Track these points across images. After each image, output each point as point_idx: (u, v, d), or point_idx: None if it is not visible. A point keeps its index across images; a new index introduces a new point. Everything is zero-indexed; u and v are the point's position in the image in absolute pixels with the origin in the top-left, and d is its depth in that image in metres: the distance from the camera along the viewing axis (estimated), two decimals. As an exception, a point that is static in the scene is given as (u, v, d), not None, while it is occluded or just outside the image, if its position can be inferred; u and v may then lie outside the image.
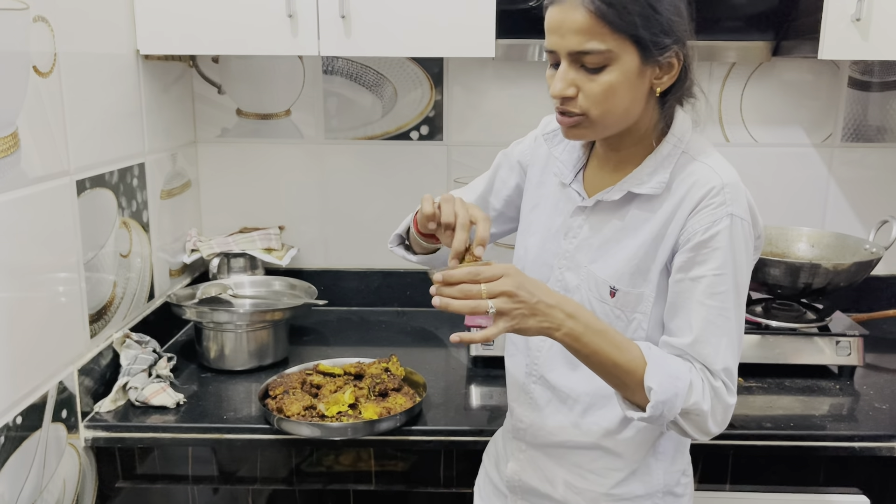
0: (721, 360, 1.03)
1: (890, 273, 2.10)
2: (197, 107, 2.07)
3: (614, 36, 0.98)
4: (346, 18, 1.64)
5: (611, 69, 1.00)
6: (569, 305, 1.00)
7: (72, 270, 1.44)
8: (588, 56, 0.99)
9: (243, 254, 2.00)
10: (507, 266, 0.98)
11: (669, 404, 0.99)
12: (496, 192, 1.31)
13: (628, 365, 1.00)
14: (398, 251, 1.31)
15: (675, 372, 1.00)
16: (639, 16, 0.98)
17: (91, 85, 1.51)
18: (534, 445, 1.21)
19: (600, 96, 1.01)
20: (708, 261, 1.02)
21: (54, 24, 1.36)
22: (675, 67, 1.04)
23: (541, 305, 0.97)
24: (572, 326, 0.99)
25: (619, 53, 0.99)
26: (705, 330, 1.03)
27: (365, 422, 1.40)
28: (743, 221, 1.03)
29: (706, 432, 1.03)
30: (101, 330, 1.55)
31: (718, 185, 1.03)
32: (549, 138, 1.22)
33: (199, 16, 1.65)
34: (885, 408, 1.56)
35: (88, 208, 1.49)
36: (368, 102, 2.07)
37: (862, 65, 2.02)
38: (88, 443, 1.47)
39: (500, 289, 0.95)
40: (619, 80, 1.00)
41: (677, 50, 1.02)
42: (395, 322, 2.07)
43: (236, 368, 1.71)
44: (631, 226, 1.09)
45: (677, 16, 1.01)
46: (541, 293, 0.98)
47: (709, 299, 1.02)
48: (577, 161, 1.18)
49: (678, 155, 1.07)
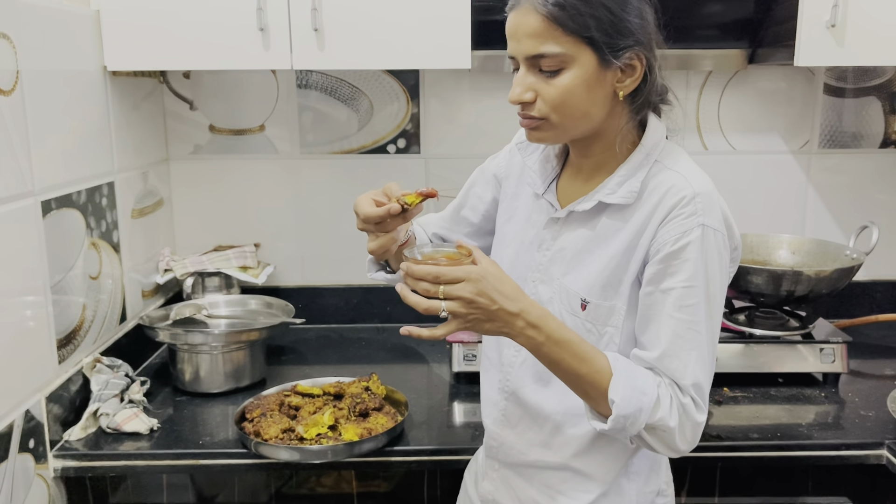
0: (690, 376, 1.00)
1: (871, 279, 2.11)
2: (168, 123, 2.03)
3: (568, 38, 0.97)
4: (319, 31, 1.61)
5: (567, 72, 0.99)
6: (533, 314, 0.97)
7: (38, 294, 1.39)
8: (544, 59, 0.99)
9: (218, 273, 1.96)
10: (471, 269, 0.95)
11: (632, 418, 0.97)
12: (471, 207, 1.29)
13: (591, 376, 0.98)
14: (378, 277, 1.28)
15: (641, 386, 0.98)
16: (592, 17, 0.97)
17: (56, 103, 1.47)
18: (506, 464, 1.20)
19: (557, 99, 1.00)
20: (678, 272, 1.00)
21: (16, 40, 1.32)
22: (637, 70, 1.02)
23: (501, 313, 0.96)
24: (532, 335, 0.98)
25: (575, 56, 0.98)
26: (674, 343, 1.00)
27: (345, 444, 1.37)
28: (716, 232, 1.01)
29: (674, 449, 1.01)
30: (70, 355, 1.50)
31: (689, 194, 1.00)
32: (523, 147, 1.21)
33: (169, 30, 1.62)
34: (870, 415, 1.55)
35: (55, 229, 1.44)
36: (344, 116, 2.04)
37: (837, 71, 2.03)
38: (58, 473, 1.41)
39: (457, 293, 0.94)
40: (576, 82, 0.99)
41: (638, 52, 1.01)
42: (375, 339, 2.04)
43: (212, 391, 1.67)
44: (602, 237, 1.07)
45: (638, 17, 1.00)
46: (504, 300, 0.96)
47: (678, 312, 1.00)
48: (551, 171, 1.16)
49: (651, 164, 1.05)
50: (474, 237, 1.30)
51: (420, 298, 0.95)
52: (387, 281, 1.28)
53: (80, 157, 1.56)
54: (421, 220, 1.36)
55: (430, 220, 1.36)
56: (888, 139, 2.07)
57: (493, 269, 0.97)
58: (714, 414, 1.56)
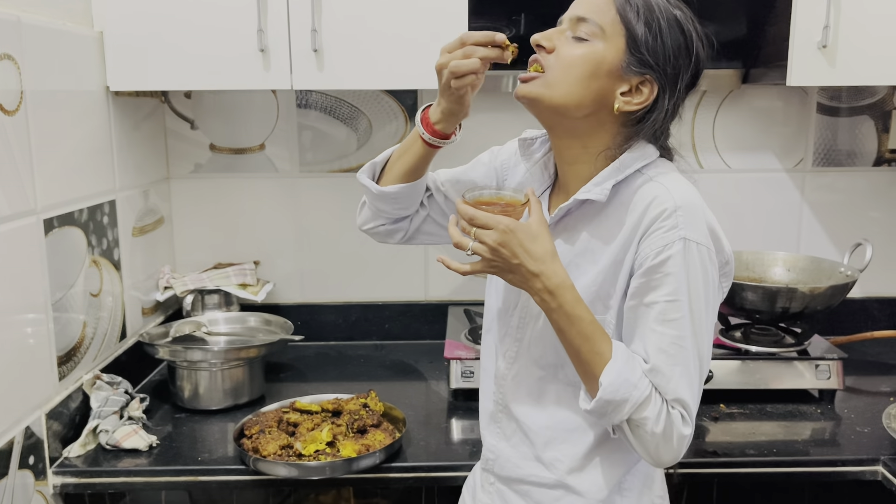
0: (673, 391, 1.00)
1: (865, 296, 2.12)
2: (169, 142, 2.05)
3: (615, 23, 1.02)
4: (319, 52, 1.64)
5: (591, 45, 1.02)
6: (553, 281, 1.00)
7: (39, 311, 1.40)
8: (583, 24, 1.03)
9: (218, 290, 1.97)
10: (501, 220, 0.99)
11: (615, 406, 0.98)
12: (475, 170, 1.32)
13: (589, 356, 1.00)
14: (363, 179, 1.25)
15: (634, 380, 0.99)
16: (645, 23, 1.01)
17: (59, 122, 1.49)
18: (501, 479, 1.20)
19: (566, 59, 1.03)
20: (660, 286, 1.00)
21: (21, 61, 1.34)
22: (644, 96, 1.03)
23: (521, 269, 1.00)
24: (546, 299, 1.01)
25: (608, 39, 1.02)
26: (657, 358, 1.00)
27: (343, 460, 1.37)
28: (699, 246, 1.00)
29: (656, 457, 1.01)
30: (70, 372, 1.51)
31: (671, 207, 1.00)
32: (524, 145, 1.21)
33: (171, 51, 1.64)
34: (866, 431, 1.56)
35: (56, 247, 1.45)
36: (343, 135, 2.06)
37: (830, 91, 2.06)
38: (57, 489, 1.42)
39: (483, 238, 0.99)
40: (591, 59, 1.02)
41: (653, 81, 1.02)
42: (373, 356, 2.04)
43: (211, 408, 1.67)
44: (590, 252, 1.08)
45: (675, 58, 1.03)
46: (527, 258, 0.99)
47: (661, 326, 1.00)
48: (547, 179, 1.18)
49: (630, 170, 1.05)
50: None
51: (456, 231, 1.02)
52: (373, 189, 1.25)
53: (82, 175, 1.58)
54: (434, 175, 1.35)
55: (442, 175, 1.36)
56: (881, 157, 2.09)
57: (528, 227, 1.00)
58: (710, 430, 1.57)
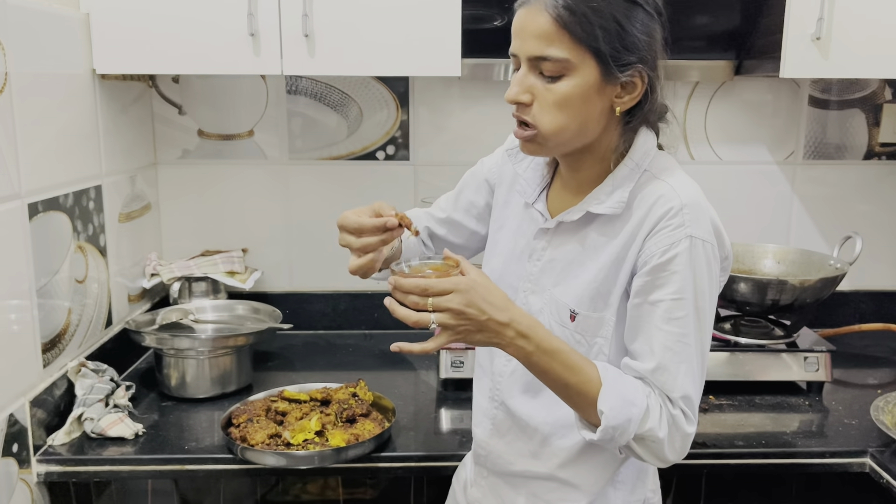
0: (680, 388, 1.00)
1: (854, 288, 2.13)
2: (157, 128, 2.02)
3: (574, 45, 0.96)
4: (310, 37, 1.62)
5: (568, 79, 0.98)
6: (523, 324, 0.97)
7: (23, 297, 1.38)
8: (546, 63, 0.97)
9: (205, 277, 1.95)
10: (459, 280, 0.94)
11: (621, 429, 0.97)
12: (465, 211, 1.28)
13: (580, 386, 0.98)
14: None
15: (630, 397, 0.98)
16: (601, 28, 0.96)
17: (45, 105, 1.46)
18: (494, 472, 1.20)
19: (553, 106, 0.99)
20: (666, 284, 0.99)
21: (6, 43, 1.32)
22: (637, 88, 1.01)
23: (490, 323, 0.95)
24: (522, 345, 0.97)
25: (578, 65, 0.97)
26: (663, 356, 1.00)
27: (332, 449, 1.36)
28: (705, 243, 1.00)
29: (663, 460, 1.01)
30: (54, 359, 1.49)
31: (677, 205, 0.99)
32: (513, 154, 1.20)
33: (159, 34, 1.62)
34: (854, 423, 1.57)
35: (41, 232, 1.43)
36: (333, 122, 2.04)
37: (821, 83, 2.06)
38: (41, 478, 1.40)
39: (446, 305, 0.93)
40: (576, 92, 0.98)
41: (641, 70, 0.99)
42: (362, 345, 2.03)
43: (198, 396, 1.66)
44: (591, 248, 1.06)
45: (646, 35, 0.99)
46: (493, 310, 0.95)
47: (667, 324, 0.99)
48: (542, 180, 1.16)
49: (639, 174, 1.04)
50: (471, 240, 1.29)
51: (409, 312, 0.95)
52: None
53: (68, 160, 1.55)
54: (414, 213, 1.32)
55: (422, 217, 1.32)
56: (871, 151, 2.09)
57: (481, 280, 0.96)
58: (700, 422, 1.56)
